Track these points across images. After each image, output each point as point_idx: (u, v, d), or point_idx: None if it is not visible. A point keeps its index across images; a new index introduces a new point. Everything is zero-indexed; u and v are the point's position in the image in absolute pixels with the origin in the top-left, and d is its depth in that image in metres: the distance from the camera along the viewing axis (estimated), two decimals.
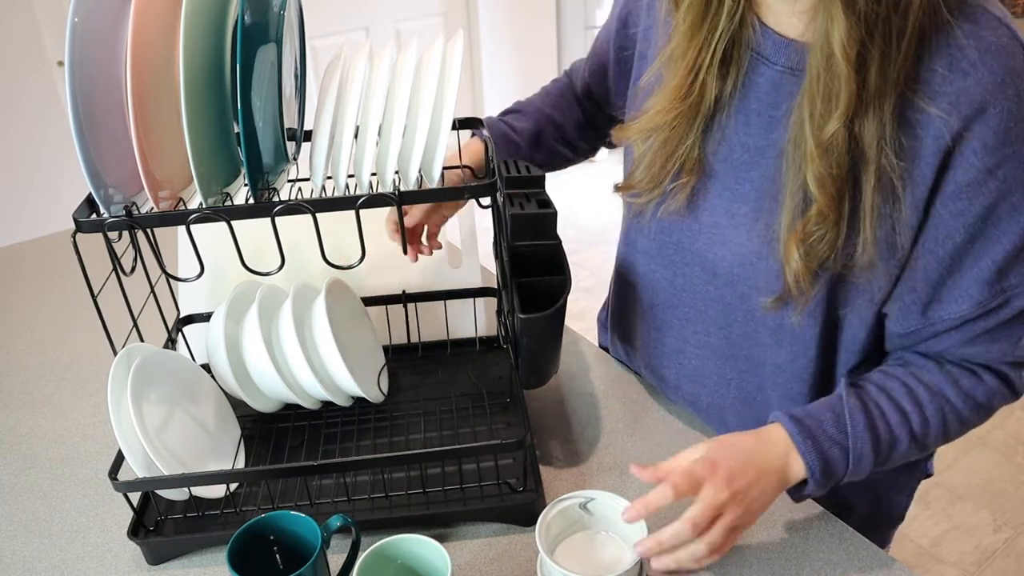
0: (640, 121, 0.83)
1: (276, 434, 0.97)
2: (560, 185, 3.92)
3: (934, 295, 0.75)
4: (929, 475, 1.01)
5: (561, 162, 1.12)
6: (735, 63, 0.77)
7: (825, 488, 0.77)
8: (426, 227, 1.03)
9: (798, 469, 0.76)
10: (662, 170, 0.84)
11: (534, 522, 0.86)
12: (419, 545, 0.74)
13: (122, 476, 0.82)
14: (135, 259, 0.80)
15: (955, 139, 0.68)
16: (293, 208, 0.76)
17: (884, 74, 0.66)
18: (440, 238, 1.05)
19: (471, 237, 1.12)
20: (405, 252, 0.85)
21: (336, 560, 0.78)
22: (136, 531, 0.84)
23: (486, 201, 0.83)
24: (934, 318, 0.76)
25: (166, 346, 0.99)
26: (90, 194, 0.74)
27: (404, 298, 1.07)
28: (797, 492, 0.78)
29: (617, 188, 0.91)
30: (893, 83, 0.67)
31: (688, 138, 0.81)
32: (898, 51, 0.66)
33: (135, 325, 0.89)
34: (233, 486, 0.88)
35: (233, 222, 0.76)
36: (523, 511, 0.86)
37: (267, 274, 0.80)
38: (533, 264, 0.90)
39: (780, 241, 0.76)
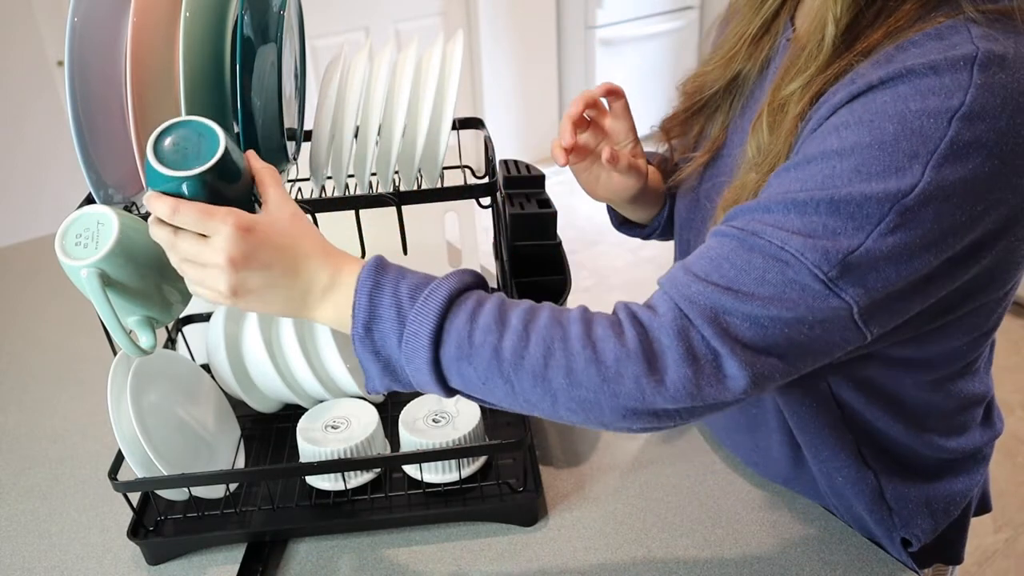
0: (691, 75, 0.83)
1: (276, 434, 0.97)
2: (560, 185, 3.92)
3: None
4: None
5: None
6: (762, 47, 0.76)
7: (371, 359, 0.63)
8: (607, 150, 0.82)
9: (337, 304, 0.63)
10: (691, 129, 0.83)
11: (534, 522, 0.86)
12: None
13: (122, 476, 0.82)
14: None
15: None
16: None
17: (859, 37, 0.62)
18: (440, 238, 1.04)
19: (471, 237, 1.12)
20: (405, 252, 0.85)
21: None
22: (136, 531, 0.84)
23: (486, 201, 0.83)
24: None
25: (166, 346, 0.99)
26: (90, 194, 0.74)
27: None
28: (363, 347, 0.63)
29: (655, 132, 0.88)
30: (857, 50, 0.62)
31: (719, 110, 0.80)
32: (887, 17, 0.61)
33: None
34: (233, 486, 0.88)
35: None
36: (523, 511, 0.86)
37: None
38: (533, 264, 0.90)
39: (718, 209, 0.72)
